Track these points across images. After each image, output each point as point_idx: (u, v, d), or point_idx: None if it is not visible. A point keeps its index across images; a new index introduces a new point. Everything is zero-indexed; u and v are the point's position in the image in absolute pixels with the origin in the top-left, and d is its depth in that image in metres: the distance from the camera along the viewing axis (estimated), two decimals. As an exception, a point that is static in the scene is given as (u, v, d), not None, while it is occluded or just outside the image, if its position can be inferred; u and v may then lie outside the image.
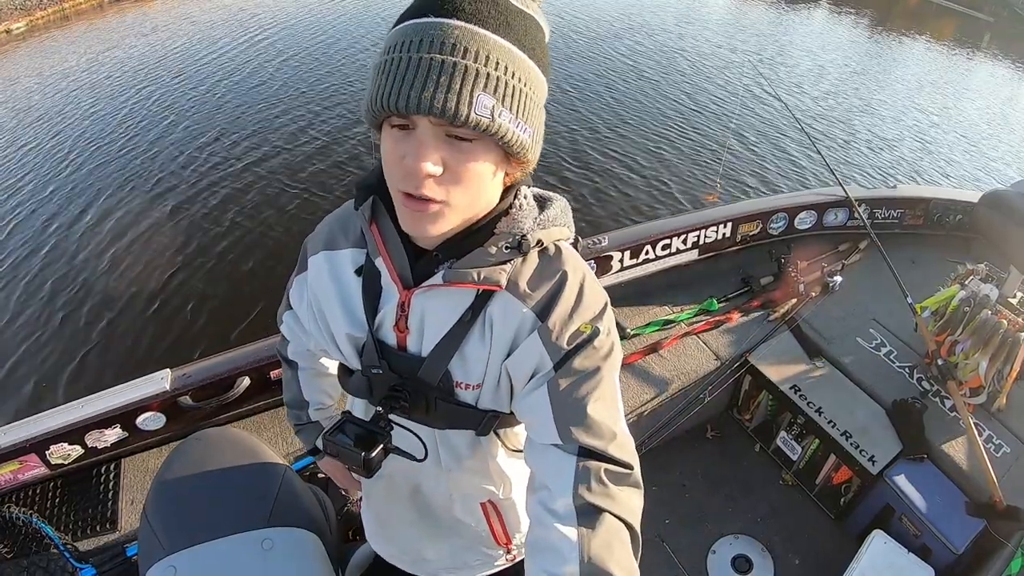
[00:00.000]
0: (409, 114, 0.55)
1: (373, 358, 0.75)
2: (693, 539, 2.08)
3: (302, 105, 6.85)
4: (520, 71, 0.57)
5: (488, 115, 0.55)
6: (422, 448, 0.76)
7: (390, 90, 0.55)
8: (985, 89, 10.46)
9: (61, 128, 6.52)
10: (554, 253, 0.71)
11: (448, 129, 0.56)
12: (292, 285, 0.88)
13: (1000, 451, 1.92)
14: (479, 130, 0.55)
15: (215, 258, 4.63)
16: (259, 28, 9.19)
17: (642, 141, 6.52)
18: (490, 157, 0.60)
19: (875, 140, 7.43)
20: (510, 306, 0.69)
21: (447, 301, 0.70)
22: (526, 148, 0.61)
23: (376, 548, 1.08)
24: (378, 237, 0.71)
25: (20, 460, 1.61)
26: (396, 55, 0.55)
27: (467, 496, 0.88)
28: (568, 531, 0.61)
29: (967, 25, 14.66)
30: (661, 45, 9.63)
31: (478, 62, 0.54)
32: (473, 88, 0.54)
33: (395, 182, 0.60)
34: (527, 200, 0.70)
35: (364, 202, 0.71)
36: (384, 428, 0.74)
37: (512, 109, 0.57)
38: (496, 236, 0.67)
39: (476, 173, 0.60)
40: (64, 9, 10.62)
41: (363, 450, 0.71)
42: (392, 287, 0.71)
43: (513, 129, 0.57)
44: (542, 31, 0.62)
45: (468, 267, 0.66)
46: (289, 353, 0.99)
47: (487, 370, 0.72)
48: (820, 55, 10.56)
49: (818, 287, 2.49)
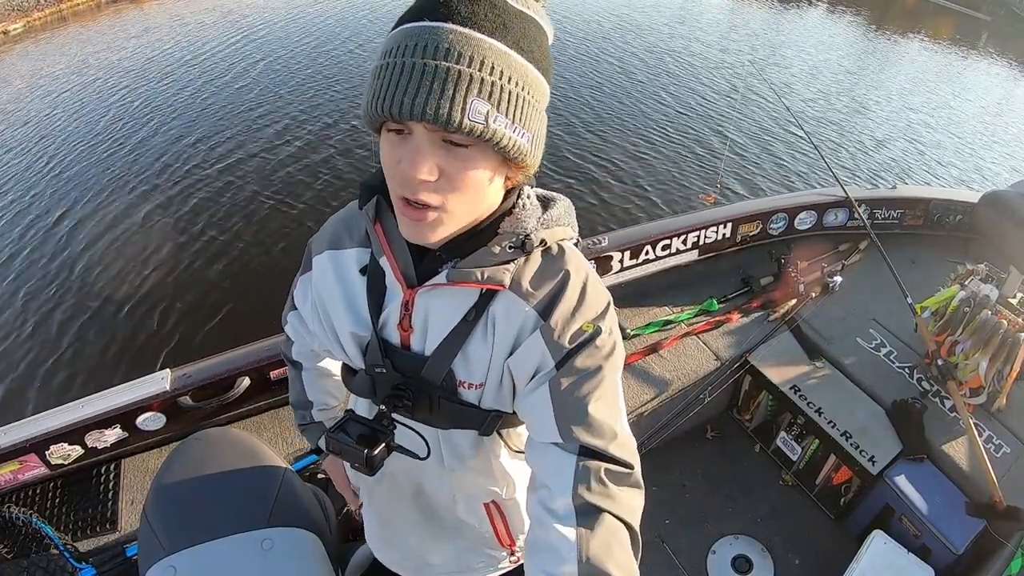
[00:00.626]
0: (403, 120, 0.55)
1: (377, 357, 0.75)
2: (693, 539, 2.08)
3: (289, 104, 6.88)
4: (517, 75, 0.57)
5: (482, 121, 0.54)
6: (424, 446, 0.76)
7: (385, 95, 0.54)
8: (982, 88, 10.47)
9: (47, 131, 6.52)
10: (557, 252, 0.71)
11: (444, 135, 0.56)
12: (296, 285, 0.87)
13: (1000, 451, 1.92)
14: (474, 136, 0.55)
15: (189, 259, 4.64)
16: (247, 29, 9.18)
17: (642, 142, 6.52)
18: (487, 163, 0.59)
19: (874, 140, 7.44)
20: (513, 305, 0.69)
21: (451, 300, 0.70)
22: (524, 153, 0.60)
23: (377, 554, 1.08)
24: (382, 236, 0.71)
25: (20, 460, 1.61)
26: (392, 60, 0.55)
27: (470, 497, 0.88)
28: (567, 531, 0.61)
29: (965, 24, 14.67)
30: (661, 45, 9.63)
31: (472, 67, 0.53)
32: (467, 94, 0.53)
33: (393, 186, 0.60)
34: (530, 200, 0.70)
35: (368, 202, 0.71)
36: (387, 427, 0.74)
37: (508, 114, 0.56)
38: (500, 236, 0.67)
39: (473, 179, 0.59)
40: (61, 10, 10.58)
41: (365, 447, 0.71)
42: (396, 286, 0.72)
43: (510, 134, 0.57)
44: (543, 33, 0.61)
45: (472, 266, 0.66)
46: (293, 354, 0.99)
47: (489, 369, 0.72)
48: (819, 55, 10.55)
49: (818, 287, 2.49)
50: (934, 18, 14.99)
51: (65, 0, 10.67)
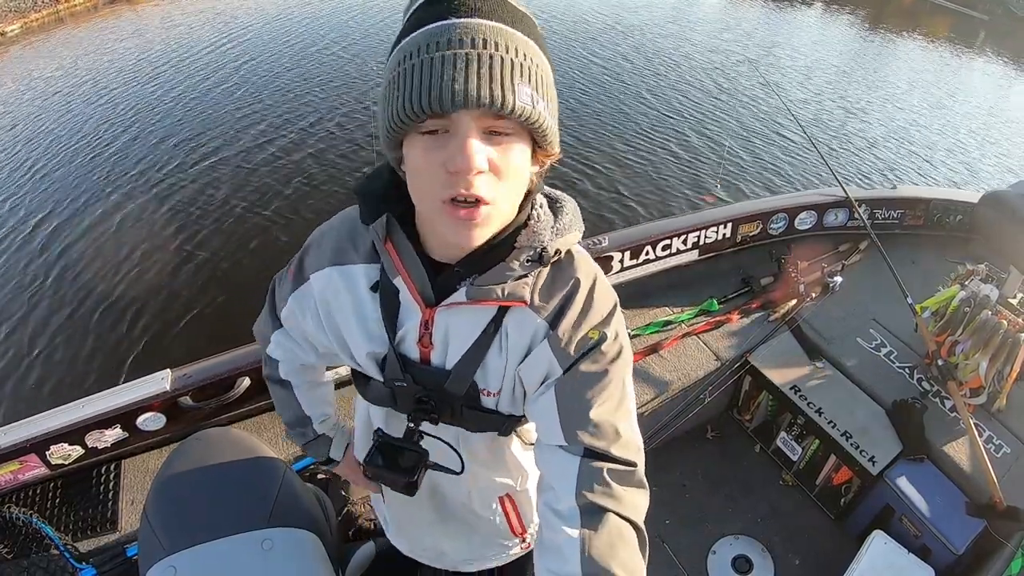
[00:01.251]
0: (453, 110, 0.52)
1: (396, 372, 0.75)
2: (693, 539, 2.08)
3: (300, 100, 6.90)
4: (540, 63, 0.57)
5: (530, 102, 0.54)
6: (459, 461, 0.77)
7: (425, 91, 0.51)
8: (979, 88, 10.49)
9: (34, 134, 6.56)
10: (566, 258, 0.71)
11: (491, 123, 0.54)
12: (288, 300, 0.82)
13: (1000, 451, 1.92)
14: (522, 119, 0.54)
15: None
16: (238, 30, 9.21)
17: (641, 142, 6.52)
18: (526, 151, 0.59)
19: (865, 140, 7.44)
20: (525, 317, 0.69)
21: (470, 316, 0.70)
22: (552, 137, 0.60)
23: (393, 540, 1.10)
24: (395, 255, 0.68)
25: (20, 460, 1.61)
26: (420, 58, 0.52)
27: (485, 492, 0.90)
28: (571, 531, 0.62)
29: (961, 24, 14.69)
30: (660, 45, 9.63)
31: (510, 53, 0.53)
32: (513, 76, 0.53)
33: (436, 191, 0.56)
34: (543, 210, 0.69)
35: (374, 217, 0.68)
36: (421, 447, 0.74)
37: (545, 98, 0.57)
38: (517, 250, 0.66)
39: (517, 168, 0.58)
40: (59, 11, 10.55)
41: (406, 475, 0.71)
42: (413, 305, 0.70)
43: (547, 117, 0.57)
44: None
45: (491, 283, 0.65)
46: (281, 373, 0.94)
47: (504, 377, 0.73)
48: (814, 54, 10.57)
49: (818, 287, 2.49)
50: (931, 17, 15.02)
51: (63, 1, 10.65)
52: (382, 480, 0.73)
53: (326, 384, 1.02)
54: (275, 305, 0.87)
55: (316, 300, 0.78)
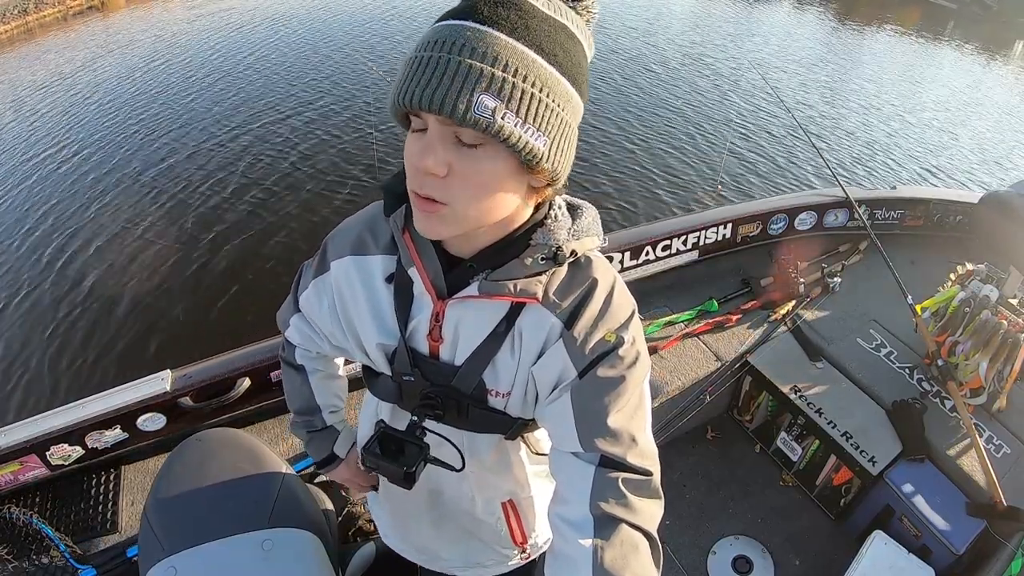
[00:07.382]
0: (413, 109, 0.56)
1: (405, 366, 0.75)
2: (693, 540, 2.08)
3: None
4: (535, 76, 0.55)
5: (488, 115, 0.53)
6: (459, 458, 0.76)
7: (404, 87, 0.55)
8: (950, 79, 10.60)
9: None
10: (584, 262, 0.71)
11: (456, 130, 0.55)
12: (309, 287, 0.84)
13: (1000, 452, 1.92)
14: (479, 130, 0.54)
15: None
16: (205, 41, 9.28)
17: (641, 143, 6.52)
18: (498, 165, 0.58)
19: (871, 140, 7.44)
20: (540, 316, 0.69)
21: (481, 311, 0.70)
22: (539, 156, 0.57)
23: (387, 540, 1.08)
24: (411, 246, 0.69)
25: (20, 461, 1.61)
26: (418, 54, 0.56)
27: (489, 496, 0.89)
28: (584, 541, 0.62)
29: (935, 13, 14.98)
30: (659, 45, 9.63)
31: (484, 62, 0.53)
32: (474, 88, 0.53)
33: (408, 181, 0.61)
34: (561, 211, 0.69)
35: (394, 209, 0.70)
36: (423, 441, 0.74)
37: (520, 113, 0.55)
38: (532, 248, 0.66)
39: (481, 179, 0.58)
40: (28, 23, 10.41)
41: (405, 465, 0.71)
42: (425, 297, 0.71)
43: (520, 133, 0.55)
44: (576, 42, 0.60)
45: (504, 279, 0.65)
46: (297, 357, 0.95)
47: (516, 378, 0.72)
48: (814, 54, 10.57)
49: (818, 288, 2.49)
50: (902, 8, 15.14)
51: (32, 13, 10.52)
52: (379, 470, 0.72)
53: (340, 378, 1.01)
54: (297, 290, 0.88)
55: (333, 288, 0.79)
